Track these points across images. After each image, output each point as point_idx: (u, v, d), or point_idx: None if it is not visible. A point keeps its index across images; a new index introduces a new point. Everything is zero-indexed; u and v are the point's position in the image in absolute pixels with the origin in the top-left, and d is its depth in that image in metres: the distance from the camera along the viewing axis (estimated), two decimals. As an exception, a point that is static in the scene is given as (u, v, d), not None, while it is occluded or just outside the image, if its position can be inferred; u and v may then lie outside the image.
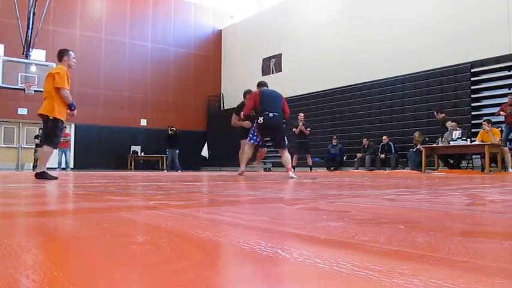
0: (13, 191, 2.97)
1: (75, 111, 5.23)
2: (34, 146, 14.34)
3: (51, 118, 4.98)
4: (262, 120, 6.10)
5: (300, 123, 12.17)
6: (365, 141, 12.28)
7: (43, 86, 5.19)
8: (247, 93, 7.10)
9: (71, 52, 5.27)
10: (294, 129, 12.29)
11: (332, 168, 12.80)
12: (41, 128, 14.41)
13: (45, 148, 5.13)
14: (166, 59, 18.72)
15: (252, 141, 6.45)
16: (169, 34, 18.93)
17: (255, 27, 18.29)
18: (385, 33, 12.76)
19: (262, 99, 6.26)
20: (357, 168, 12.04)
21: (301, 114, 12.40)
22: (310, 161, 12.27)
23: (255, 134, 6.43)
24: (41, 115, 5.05)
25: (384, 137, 11.81)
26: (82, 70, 16.29)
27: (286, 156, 6.30)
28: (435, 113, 10.67)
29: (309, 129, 12.13)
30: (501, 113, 9.46)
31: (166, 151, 14.42)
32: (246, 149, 6.58)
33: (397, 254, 0.75)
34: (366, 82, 13.26)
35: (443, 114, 10.49)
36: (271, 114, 6.11)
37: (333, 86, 14.33)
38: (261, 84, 6.70)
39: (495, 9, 10.38)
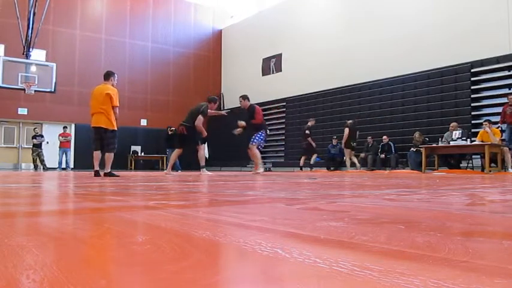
0: (13, 191, 2.97)
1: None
2: (31, 146, 14.32)
3: (111, 130, 6.34)
4: (268, 131, 8.00)
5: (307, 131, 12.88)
6: (369, 139, 12.22)
7: (96, 101, 6.33)
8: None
9: (116, 74, 6.62)
10: (307, 132, 12.83)
11: (332, 168, 12.81)
12: (35, 130, 14.39)
13: (111, 154, 6.43)
14: (166, 59, 18.72)
15: (256, 144, 7.77)
16: (169, 34, 18.93)
17: (255, 27, 18.29)
18: (385, 33, 12.77)
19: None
20: (359, 168, 12.03)
21: (313, 121, 13.12)
22: (312, 160, 12.59)
23: (264, 141, 7.90)
24: (99, 127, 6.33)
25: (384, 137, 11.81)
26: (82, 70, 16.31)
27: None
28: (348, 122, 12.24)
29: (309, 138, 12.90)
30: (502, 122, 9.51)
31: (167, 151, 14.42)
32: (256, 152, 7.82)
33: (397, 254, 0.75)
34: (366, 82, 13.26)
35: (351, 121, 12.23)
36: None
37: (333, 86, 14.33)
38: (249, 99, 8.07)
39: (495, 9, 10.39)
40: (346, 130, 12.08)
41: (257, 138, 7.82)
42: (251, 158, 8.21)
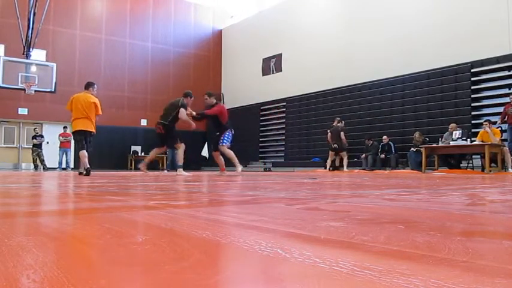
0: (13, 191, 2.97)
1: None
2: (31, 146, 14.31)
3: (94, 133, 7.14)
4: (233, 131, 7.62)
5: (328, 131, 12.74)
6: (367, 141, 12.25)
7: (81, 107, 6.95)
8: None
9: (96, 85, 7.34)
10: (328, 131, 12.64)
11: (331, 168, 12.78)
12: (35, 130, 14.38)
13: (86, 153, 7.04)
14: (166, 59, 18.71)
15: (229, 143, 7.52)
16: (169, 34, 18.92)
17: (255, 27, 18.29)
18: (385, 33, 12.77)
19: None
20: (364, 168, 12.02)
21: (336, 120, 12.85)
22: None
23: (231, 138, 7.60)
24: (84, 131, 6.98)
25: (384, 137, 11.81)
26: (82, 70, 16.31)
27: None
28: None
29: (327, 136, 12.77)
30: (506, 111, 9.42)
31: (167, 151, 14.40)
32: (230, 151, 7.55)
33: (397, 254, 0.75)
34: (366, 82, 13.26)
35: (338, 123, 12.22)
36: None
37: (333, 86, 14.33)
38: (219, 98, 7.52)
39: (495, 9, 10.39)
40: (328, 134, 12.55)
41: (226, 138, 7.54)
42: (216, 162, 7.95)
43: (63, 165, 14.53)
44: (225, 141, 7.54)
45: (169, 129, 7.55)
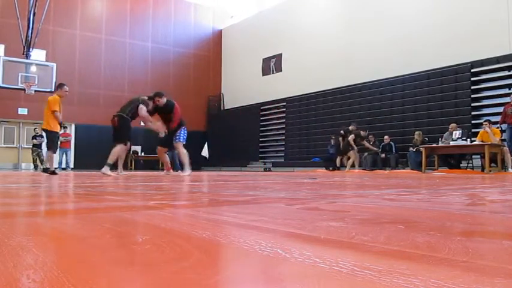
0: (13, 191, 2.97)
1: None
2: (31, 146, 14.31)
3: (49, 130, 7.17)
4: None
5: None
6: (370, 137, 12.20)
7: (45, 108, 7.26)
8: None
9: (65, 86, 7.35)
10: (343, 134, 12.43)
11: (331, 168, 12.76)
12: (35, 130, 14.41)
13: (49, 152, 7.34)
14: (166, 59, 18.72)
15: (183, 141, 7.23)
16: (169, 34, 18.93)
17: (255, 27, 18.30)
18: (385, 33, 12.77)
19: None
20: (364, 168, 12.00)
21: (353, 125, 12.53)
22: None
23: (186, 136, 7.31)
24: (44, 130, 7.28)
25: (386, 137, 11.79)
26: (82, 70, 16.31)
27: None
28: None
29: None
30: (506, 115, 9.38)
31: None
32: (184, 151, 7.28)
33: (397, 254, 0.74)
34: (366, 82, 13.26)
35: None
36: None
37: (333, 86, 14.34)
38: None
39: (495, 9, 10.39)
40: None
41: (182, 134, 7.18)
42: (160, 159, 7.80)
43: (63, 165, 14.53)
44: (181, 137, 7.17)
45: (123, 123, 7.08)
